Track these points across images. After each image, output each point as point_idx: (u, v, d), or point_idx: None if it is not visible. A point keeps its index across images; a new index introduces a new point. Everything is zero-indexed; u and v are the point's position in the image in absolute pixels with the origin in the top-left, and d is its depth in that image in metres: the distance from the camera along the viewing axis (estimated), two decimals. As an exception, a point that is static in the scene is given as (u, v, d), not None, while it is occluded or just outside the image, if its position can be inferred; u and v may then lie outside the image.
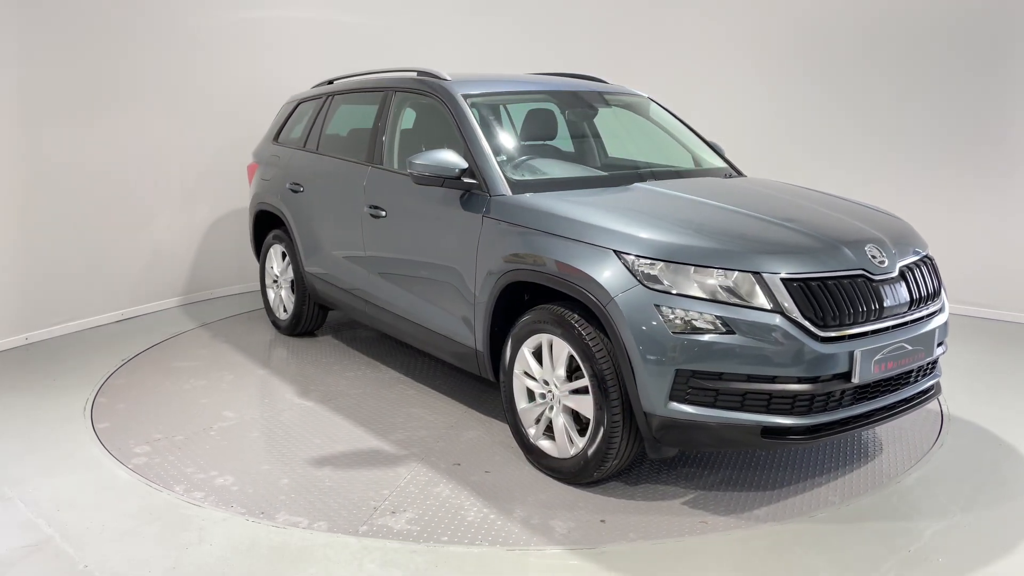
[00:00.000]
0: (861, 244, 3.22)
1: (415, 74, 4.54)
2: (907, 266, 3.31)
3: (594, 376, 3.15)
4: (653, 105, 4.93)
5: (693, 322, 2.96)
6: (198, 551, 2.97)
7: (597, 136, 4.77)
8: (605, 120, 4.82)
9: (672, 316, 2.97)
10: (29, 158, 5.40)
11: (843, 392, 3.07)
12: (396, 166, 4.47)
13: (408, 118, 4.73)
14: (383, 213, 4.35)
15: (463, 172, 3.75)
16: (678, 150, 4.69)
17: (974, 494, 3.38)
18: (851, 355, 2.99)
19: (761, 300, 2.96)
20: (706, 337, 2.93)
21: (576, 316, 3.25)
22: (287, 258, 5.44)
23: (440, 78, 4.31)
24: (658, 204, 3.68)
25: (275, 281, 5.63)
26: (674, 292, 3.00)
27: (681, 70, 6.97)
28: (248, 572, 2.84)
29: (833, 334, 2.99)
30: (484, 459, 3.70)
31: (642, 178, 4.04)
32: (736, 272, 2.99)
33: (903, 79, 6.16)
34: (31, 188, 5.44)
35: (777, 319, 2.94)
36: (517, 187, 3.74)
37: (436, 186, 3.83)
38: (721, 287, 2.99)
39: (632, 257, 3.08)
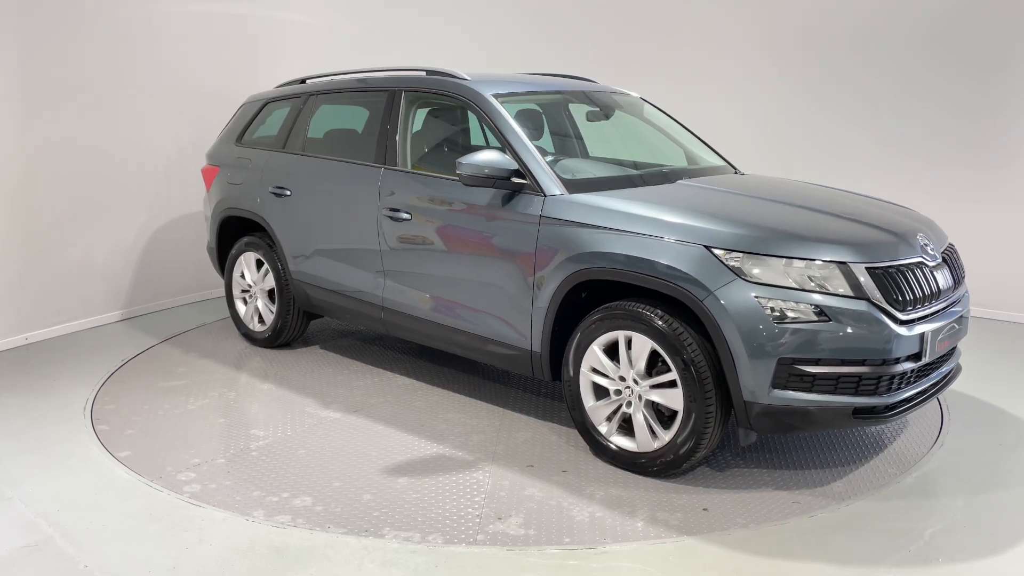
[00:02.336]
0: (914, 233, 3.51)
1: (423, 73, 4.48)
2: (945, 252, 3.61)
3: (686, 369, 3.23)
4: (647, 106, 4.94)
5: (791, 312, 3.09)
6: (198, 551, 2.96)
7: (612, 136, 4.78)
8: (616, 120, 4.81)
9: (771, 307, 3.10)
10: (27, 157, 5.40)
11: (912, 371, 3.27)
12: (410, 167, 4.36)
13: (421, 118, 4.65)
14: (406, 216, 4.21)
15: (513, 173, 3.75)
16: (685, 149, 4.71)
17: (974, 494, 3.38)
18: (922, 336, 3.22)
19: (849, 288, 3.13)
20: (805, 325, 3.08)
21: (659, 311, 3.30)
22: (264, 266, 5.17)
23: (459, 77, 4.26)
24: (720, 201, 3.80)
25: (245, 291, 5.35)
26: (769, 284, 3.12)
27: (680, 70, 6.96)
28: (248, 572, 2.84)
29: (909, 317, 3.22)
30: (552, 459, 3.69)
31: (677, 176, 4.15)
32: (824, 263, 3.15)
33: (903, 79, 6.16)
34: (31, 187, 5.44)
35: (865, 305, 3.11)
36: (572, 186, 3.74)
37: (487, 187, 3.80)
38: (811, 277, 3.13)
39: (724, 252, 3.19)
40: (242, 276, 5.35)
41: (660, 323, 3.28)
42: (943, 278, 3.45)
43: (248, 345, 5.38)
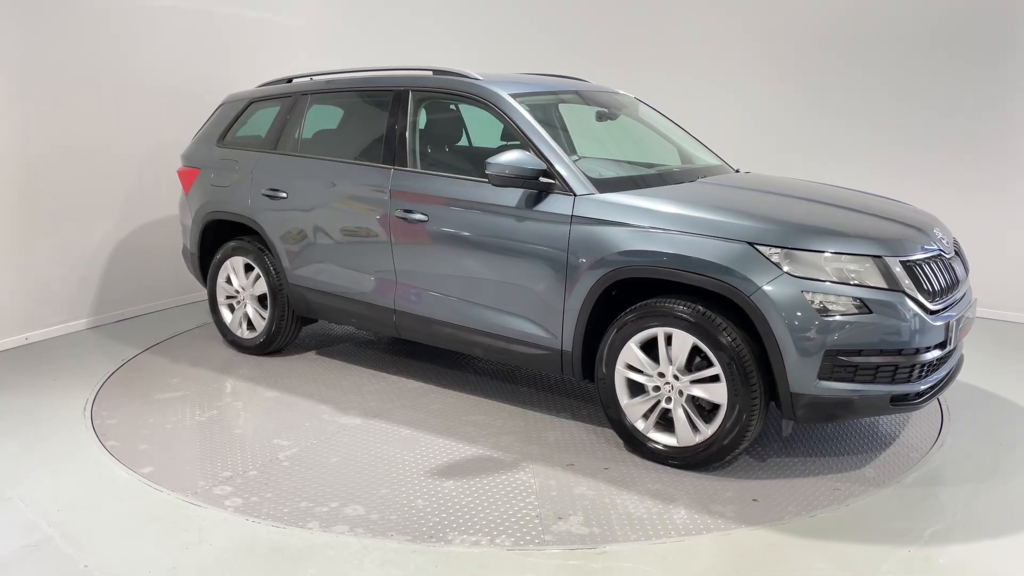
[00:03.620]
0: (931, 227, 3.70)
1: (429, 73, 4.44)
2: (955, 245, 3.81)
3: (731, 363, 3.30)
4: (641, 105, 4.95)
5: (833, 305, 3.20)
6: (198, 551, 2.96)
7: (605, 136, 4.78)
8: (620, 120, 4.82)
9: (817, 301, 3.20)
10: (26, 156, 5.40)
11: (938, 359, 3.41)
12: (420, 167, 4.31)
13: (431, 119, 4.58)
14: (421, 217, 4.16)
15: (541, 173, 3.75)
16: (680, 148, 4.72)
17: (974, 494, 3.39)
18: (947, 325, 3.38)
19: (885, 281, 3.26)
20: (849, 318, 3.20)
21: (700, 308, 3.36)
22: (254, 271, 5.02)
23: (471, 77, 4.24)
24: (750, 199, 3.89)
25: (231, 297, 5.18)
26: (814, 278, 3.23)
27: (679, 69, 6.96)
28: (248, 572, 2.84)
29: (937, 307, 3.37)
30: (590, 457, 3.71)
31: (696, 175, 4.23)
32: (862, 257, 3.28)
33: (902, 79, 6.15)
34: (30, 186, 5.44)
35: (901, 297, 3.25)
36: (602, 185, 3.76)
37: (516, 187, 3.80)
38: (848, 271, 3.25)
39: (767, 248, 3.28)
40: (228, 282, 5.16)
41: (702, 319, 3.35)
42: (957, 270, 3.62)
43: (234, 353, 5.21)
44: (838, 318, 3.19)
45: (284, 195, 4.77)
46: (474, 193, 4.00)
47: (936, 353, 3.36)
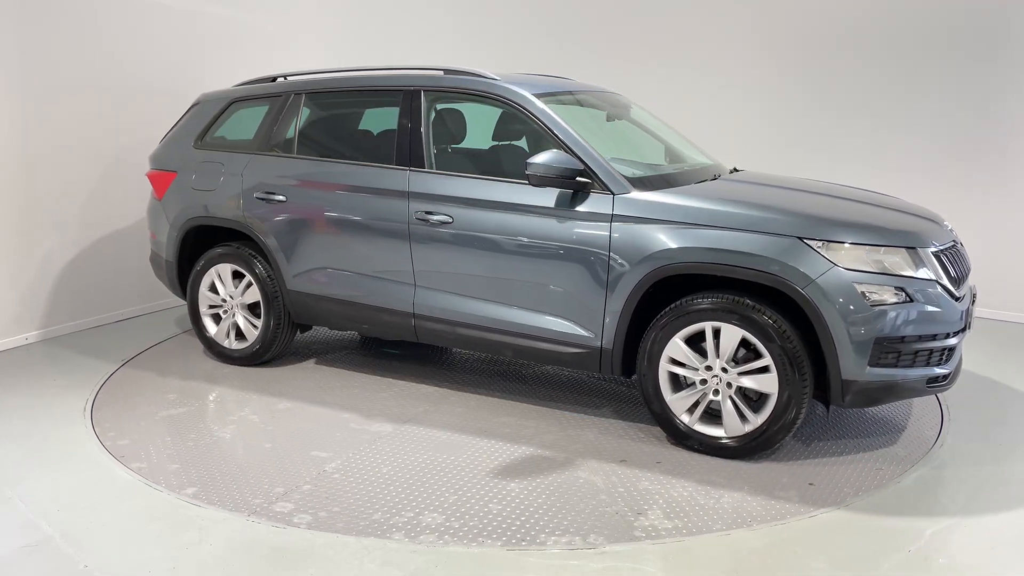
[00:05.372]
0: (942, 220, 4.00)
1: (440, 73, 4.38)
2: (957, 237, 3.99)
3: (783, 354, 3.43)
4: (633, 106, 4.95)
5: (880, 295, 3.38)
6: (198, 551, 2.96)
7: (621, 136, 4.77)
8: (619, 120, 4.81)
9: (866, 291, 3.37)
10: (26, 156, 5.40)
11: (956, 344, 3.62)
12: (436, 168, 4.24)
13: (447, 119, 4.54)
14: (445, 219, 4.11)
15: (579, 172, 3.78)
16: (670, 146, 4.73)
17: (974, 494, 3.39)
18: (966, 311, 3.61)
19: (922, 271, 3.46)
20: (894, 306, 3.38)
21: (748, 302, 3.48)
22: (244, 278, 4.79)
23: (488, 77, 4.21)
24: (782, 196, 3.99)
25: (216, 307, 4.93)
26: (861, 270, 3.39)
27: (679, 69, 6.96)
28: (248, 572, 2.84)
29: (959, 294, 3.59)
30: (638, 452, 3.76)
31: (714, 173, 4.36)
32: (900, 248, 3.48)
33: (901, 80, 6.15)
34: (30, 186, 5.45)
35: (935, 286, 3.47)
36: (639, 185, 3.82)
37: (555, 187, 3.82)
38: (891, 262, 3.45)
39: (816, 242, 3.43)
40: (212, 290, 4.92)
41: (752, 312, 3.46)
42: (964, 259, 3.82)
43: (218, 364, 4.96)
44: (885, 307, 3.36)
45: (282, 198, 4.59)
46: (504, 194, 4.01)
47: (959, 337, 3.57)
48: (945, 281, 3.51)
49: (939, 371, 3.54)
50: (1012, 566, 2.88)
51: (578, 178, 3.78)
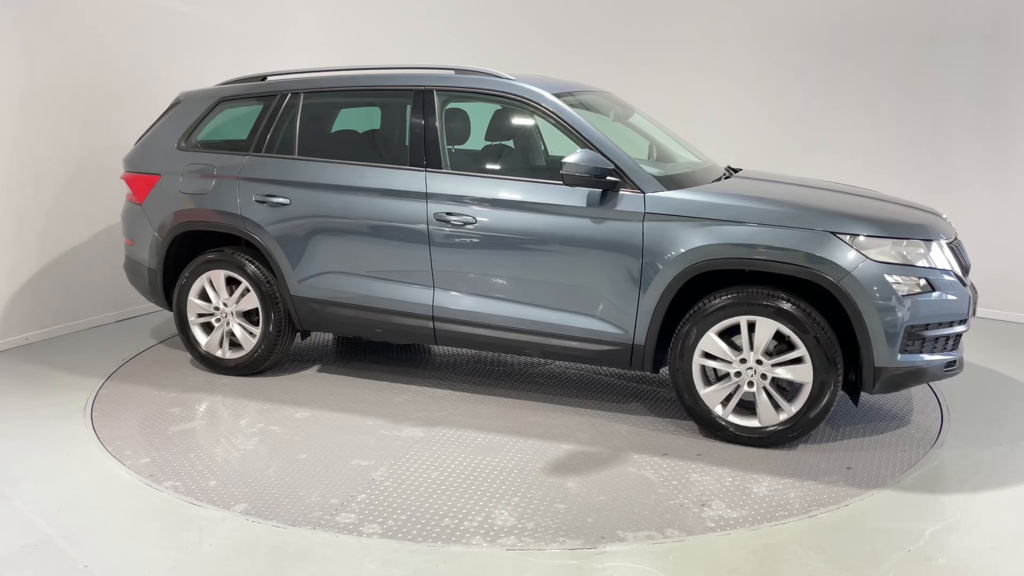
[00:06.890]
0: (942, 215, 4.16)
1: (451, 72, 4.33)
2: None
3: (817, 345, 3.57)
4: (632, 106, 4.94)
5: (907, 286, 3.56)
6: (198, 551, 2.96)
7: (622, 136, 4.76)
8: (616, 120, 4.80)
9: (896, 282, 3.54)
10: (25, 156, 5.40)
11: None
12: (452, 168, 4.19)
13: (463, 119, 4.52)
14: (467, 219, 4.06)
15: (609, 172, 3.82)
16: (678, 148, 4.74)
17: (974, 494, 3.39)
18: (973, 299, 3.75)
19: (940, 262, 3.66)
20: (922, 296, 3.57)
21: (783, 295, 3.62)
22: (240, 285, 4.62)
23: (503, 77, 4.19)
24: (804, 193, 4.07)
25: (207, 315, 4.72)
26: (889, 262, 3.57)
27: (678, 68, 6.96)
28: (248, 572, 2.84)
29: (969, 283, 3.77)
30: (675, 445, 3.83)
31: (728, 171, 4.50)
32: (919, 241, 3.66)
33: (900, 79, 6.15)
34: (29, 187, 5.45)
35: (953, 276, 3.66)
36: (667, 183, 3.89)
37: (588, 187, 3.85)
38: (914, 255, 3.62)
39: (848, 236, 3.58)
40: (202, 298, 4.72)
41: (788, 305, 3.60)
42: (965, 251, 3.97)
43: (210, 375, 4.76)
44: (913, 297, 3.54)
45: (285, 201, 4.45)
46: (529, 193, 4.01)
47: (967, 324, 3.73)
48: (957, 270, 3.69)
49: (952, 356, 3.73)
50: (1012, 566, 2.88)
51: (608, 177, 3.81)
